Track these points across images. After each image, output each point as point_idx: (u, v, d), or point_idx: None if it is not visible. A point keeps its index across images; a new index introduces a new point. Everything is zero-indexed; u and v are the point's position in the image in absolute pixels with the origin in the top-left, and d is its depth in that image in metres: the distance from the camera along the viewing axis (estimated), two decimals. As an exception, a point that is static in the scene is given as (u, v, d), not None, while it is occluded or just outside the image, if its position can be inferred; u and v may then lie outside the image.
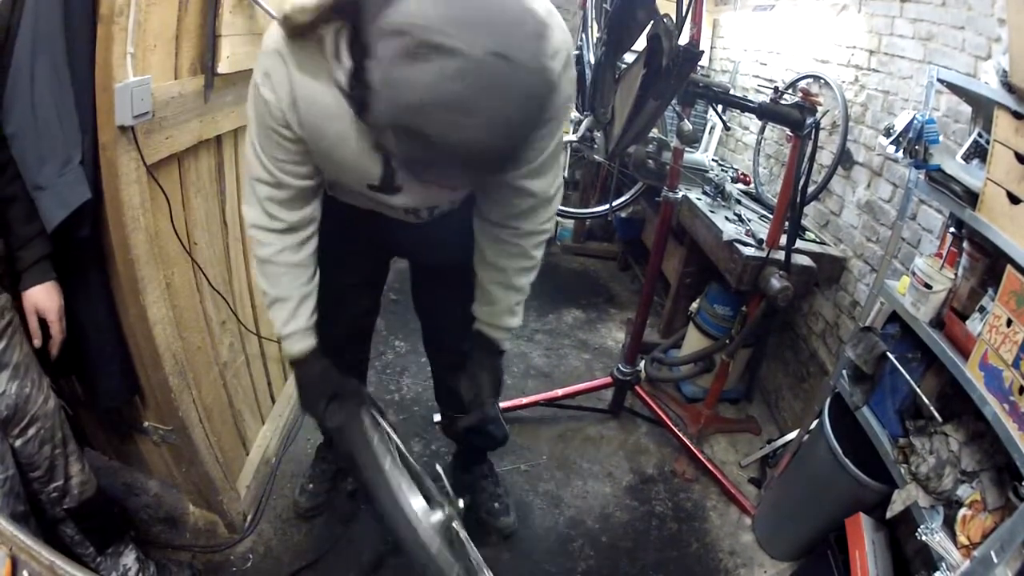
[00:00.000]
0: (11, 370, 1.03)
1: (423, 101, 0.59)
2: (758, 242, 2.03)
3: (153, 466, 1.57)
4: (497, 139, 0.63)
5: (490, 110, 0.60)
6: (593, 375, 2.48)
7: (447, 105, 0.59)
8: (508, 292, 1.13)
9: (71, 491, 1.18)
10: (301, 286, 1.05)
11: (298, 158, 0.90)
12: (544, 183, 0.98)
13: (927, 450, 1.29)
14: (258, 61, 0.82)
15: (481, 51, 0.58)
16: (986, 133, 1.29)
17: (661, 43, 1.42)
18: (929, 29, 1.73)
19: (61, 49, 0.93)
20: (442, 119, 0.60)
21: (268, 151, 0.89)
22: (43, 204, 0.97)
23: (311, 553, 1.58)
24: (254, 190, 0.94)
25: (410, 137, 0.62)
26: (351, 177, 0.93)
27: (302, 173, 0.93)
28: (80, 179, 0.98)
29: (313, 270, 1.07)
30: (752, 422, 2.36)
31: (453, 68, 0.57)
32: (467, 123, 0.60)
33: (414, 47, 0.58)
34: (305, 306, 1.06)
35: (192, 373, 1.32)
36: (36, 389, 1.08)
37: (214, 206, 1.39)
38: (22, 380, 1.05)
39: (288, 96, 0.81)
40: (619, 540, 1.78)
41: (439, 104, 0.59)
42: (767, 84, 2.38)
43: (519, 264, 1.10)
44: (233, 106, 1.32)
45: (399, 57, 0.59)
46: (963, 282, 1.26)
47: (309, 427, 1.94)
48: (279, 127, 0.84)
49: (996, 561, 1.00)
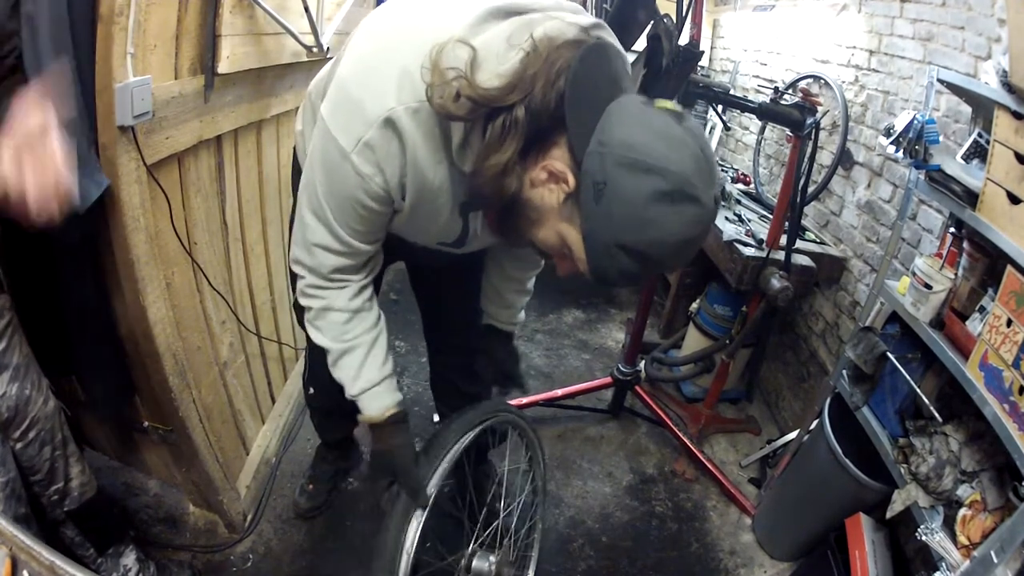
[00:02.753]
0: (11, 371, 1.03)
1: (670, 240, 0.68)
2: (758, 242, 2.03)
3: (153, 466, 1.57)
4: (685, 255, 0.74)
5: (700, 239, 0.71)
6: (593, 375, 2.48)
7: (682, 243, 0.69)
8: (522, 296, 1.26)
9: (71, 493, 1.17)
10: (366, 331, 0.94)
11: (378, 226, 0.86)
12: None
13: (927, 450, 1.29)
14: (346, 125, 0.73)
15: (711, 200, 0.68)
16: (986, 133, 1.29)
17: (661, 43, 1.41)
18: (929, 29, 1.73)
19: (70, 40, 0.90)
20: (675, 249, 0.69)
21: (344, 221, 0.82)
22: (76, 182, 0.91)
23: (311, 553, 1.58)
24: (314, 257, 0.87)
25: (639, 260, 0.69)
26: (426, 238, 0.93)
27: (376, 239, 0.89)
28: (98, 167, 0.96)
29: (378, 313, 0.98)
30: (752, 422, 2.36)
31: (697, 215, 0.67)
32: (685, 248, 0.70)
33: (673, 192, 0.65)
34: (375, 355, 0.95)
35: (192, 373, 1.32)
36: (36, 391, 1.07)
37: (214, 206, 1.38)
38: (22, 382, 1.04)
39: (398, 175, 0.76)
40: (619, 540, 1.78)
41: (678, 242, 0.68)
42: (767, 84, 2.38)
43: (532, 272, 1.24)
44: (233, 106, 1.32)
45: (657, 198, 0.65)
46: (963, 282, 1.26)
47: (309, 427, 1.94)
48: (372, 202, 0.79)
49: (996, 561, 1.00)
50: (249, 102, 1.39)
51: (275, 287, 1.80)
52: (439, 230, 0.89)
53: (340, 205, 0.80)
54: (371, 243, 0.88)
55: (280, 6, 1.35)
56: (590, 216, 0.69)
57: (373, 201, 0.79)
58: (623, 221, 0.67)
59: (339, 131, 0.74)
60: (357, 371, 0.94)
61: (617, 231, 0.68)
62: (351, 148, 0.73)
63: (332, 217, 0.82)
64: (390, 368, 0.98)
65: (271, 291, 1.78)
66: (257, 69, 1.36)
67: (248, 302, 1.64)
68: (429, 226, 0.88)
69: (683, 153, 0.66)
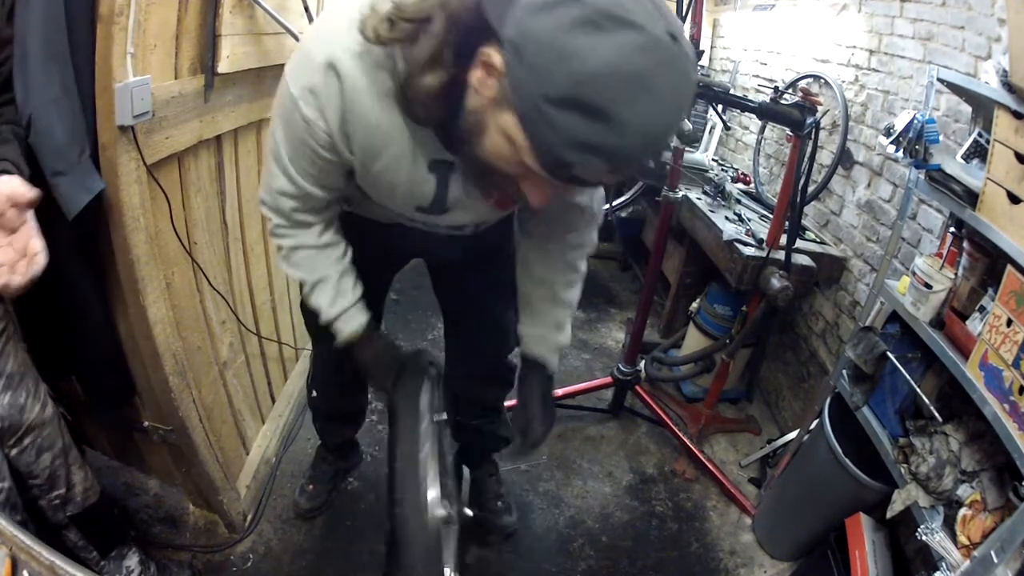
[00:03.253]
0: (4, 380, 1.01)
1: (606, 72, 0.56)
2: (758, 242, 2.03)
3: (153, 466, 1.57)
4: (667, 117, 0.61)
5: (665, 87, 0.58)
6: (593, 375, 2.48)
7: (629, 78, 0.56)
8: (555, 307, 1.10)
9: (74, 499, 1.16)
10: (336, 262, 1.00)
11: (332, 175, 0.86)
12: (597, 198, 1.00)
13: (927, 450, 1.29)
14: (296, 72, 0.76)
15: (661, 29, 0.57)
16: (986, 133, 1.29)
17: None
18: (929, 29, 1.73)
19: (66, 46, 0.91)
20: (623, 91, 0.57)
21: (299, 165, 0.84)
22: (64, 190, 0.93)
23: (311, 553, 1.58)
24: (276, 201, 0.91)
25: (579, 112, 0.57)
26: (400, 201, 0.91)
27: (332, 186, 0.89)
28: (92, 169, 0.97)
29: (344, 246, 1.02)
30: (752, 422, 2.36)
31: (637, 42, 0.56)
32: (646, 98, 0.57)
33: (595, 16, 0.55)
34: (346, 281, 1.01)
35: (192, 373, 1.32)
36: (32, 398, 1.05)
37: (214, 206, 1.38)
38: (16, 391, 1.03)
39: (338, 118, 0.76)
40: (619, 540, 1.78)
41: (623, 75, 0.56)
42: (767, 84, 2.38)
43: (566, 277, 1.08)
44: (233, 106, 1.32)
45: (576, 26, 0.56)
46: (963, 282, 1.26)
47: (309, 427, 1.94)
48: (319, 148, 0.80)
49: (996, 561, 1.00)
50: (249, 102, 1.39)
51: (275, 287, 1.80)
52: (407, 190, 0.87)
53: (295, 150, 0.82)
54: (326, 189, 0.89)
55: (280, 6, 1.35)
56: (515, 83, 0.60)
57: (320, 147, 0.79)
58: (544, 66, 0.57)
59: (291, 79, 0.76)
60: (332, 298, 1.00)
61: (541, 82, 0.58)
62: (298, 94, 0.75)
63: (288, 162, 0.84)
64: (360, 292, 1.04)
65: (271, 291, 1.78)
66: (257, 69, 1.36)
67: (248, 302, 1.64)
68: (394, 183, 0.86)
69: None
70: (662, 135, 0.63)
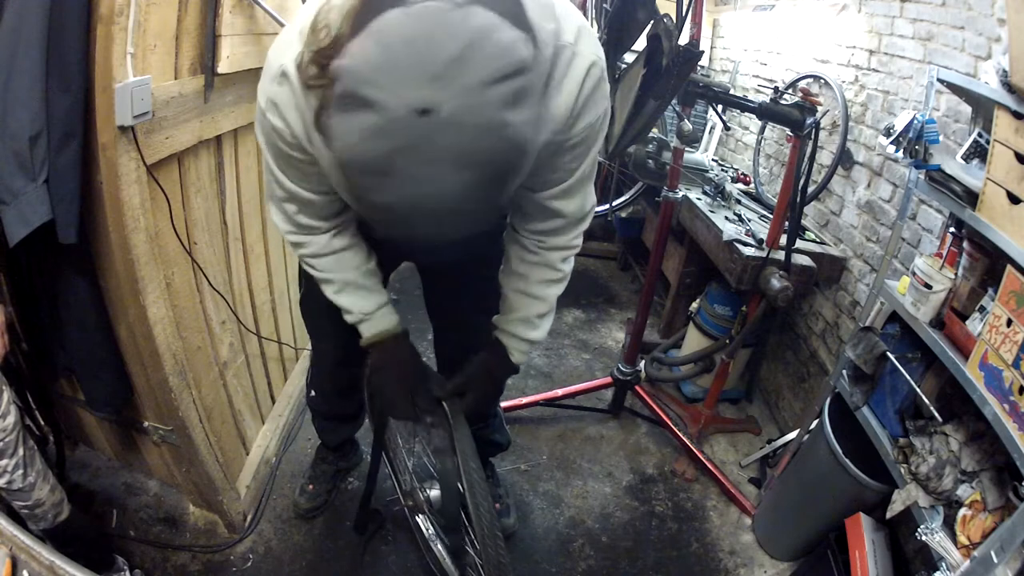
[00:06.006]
0: None
1: (347, 158, 0.55)
2: (758, 242, 2.03)
3: (153, 466, 1.57)
4: (427, 201, 0.56)
5: (410, 173, 0.53)
6: (593, 375, 2.48)
7: (365, 165, 0.55)
8: (527, 300, 1.09)
9: (46, 516, 1.15)
10: (362, 263, 1.02)
11: (315, 177, 0.86)
12: (575, 204, 0.94)
13: (927, 450, 1.29)
14: (262, 82, 0.77)
15: (403, 106, 0.50)
16: (986, 133, 1.28)
17: (661, 43, 1.42)
18: (929, 29, 1.73)
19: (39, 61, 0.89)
20: (364, 178, 0.56)
21: (283, 170, 0.85)
22: (5, 219, 0.93)
23: (311, 553, 1.58)
24: (281, 210, 0.92)
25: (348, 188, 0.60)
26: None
27: (320, 189, 0.89)
28: (43, 199, 0.94)
29: (367, 247, 1.03)
30: (752, 422, 2.36)
31: (371, 125, 0.52)
32: (387, 185, 0.55)
33: (342, 97, 0.53)
34: (373, 281, 1.03)
35: (192, 373, 1.32)
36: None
37: (214, 206, 1.39)
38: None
39: (299, 121, 0.76)
40: (619, 540, 1.78)
41: (358, 163, 0.55)
42: (767, 84, 2.37)
43: (543, 275, 1.06)
44: (233, 106, 1.33)
45: (333, 106, 0.54)
46: (963, 282, 1.26)
47: (309, 427, 1.94)
48: (293, 152, 0.80)
49: (996, 561, 1.00)
50: (249, 102, 1.39)
51: (275, 287, 1.80)
52: None
53: (276, 156, 0.83)
54: (317, 192, 0.89)
55: (280, 6, 1.35)
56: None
57: (293, 151, 0.80)
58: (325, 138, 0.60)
59: (259, 89, 0.78)
60: (362, 297, 1.02)
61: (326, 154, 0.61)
62: (264, 104, 0.77)
63: (275, 168, 0.86)
64: (386, 296, 1.05)
65: (271, 291, 1.78)
66: (257, 69, 1.34)
67: (248, 302, 1.64)
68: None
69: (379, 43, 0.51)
70: (425, 215, 0.58)
